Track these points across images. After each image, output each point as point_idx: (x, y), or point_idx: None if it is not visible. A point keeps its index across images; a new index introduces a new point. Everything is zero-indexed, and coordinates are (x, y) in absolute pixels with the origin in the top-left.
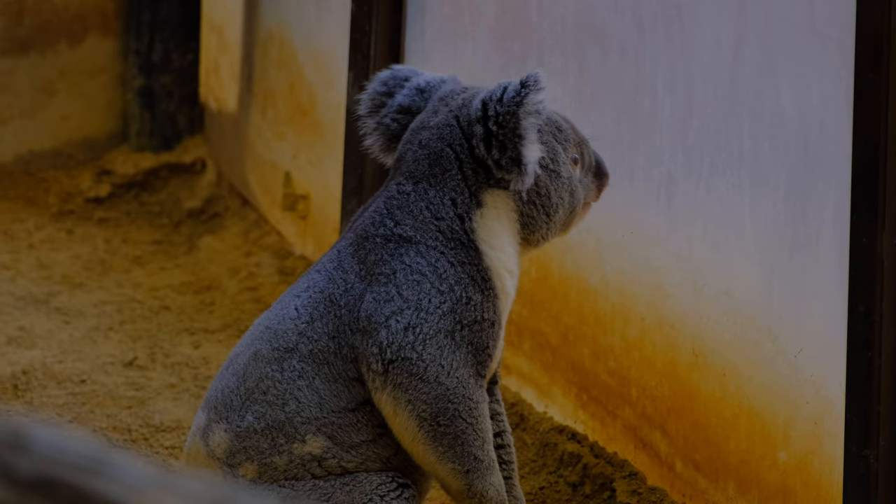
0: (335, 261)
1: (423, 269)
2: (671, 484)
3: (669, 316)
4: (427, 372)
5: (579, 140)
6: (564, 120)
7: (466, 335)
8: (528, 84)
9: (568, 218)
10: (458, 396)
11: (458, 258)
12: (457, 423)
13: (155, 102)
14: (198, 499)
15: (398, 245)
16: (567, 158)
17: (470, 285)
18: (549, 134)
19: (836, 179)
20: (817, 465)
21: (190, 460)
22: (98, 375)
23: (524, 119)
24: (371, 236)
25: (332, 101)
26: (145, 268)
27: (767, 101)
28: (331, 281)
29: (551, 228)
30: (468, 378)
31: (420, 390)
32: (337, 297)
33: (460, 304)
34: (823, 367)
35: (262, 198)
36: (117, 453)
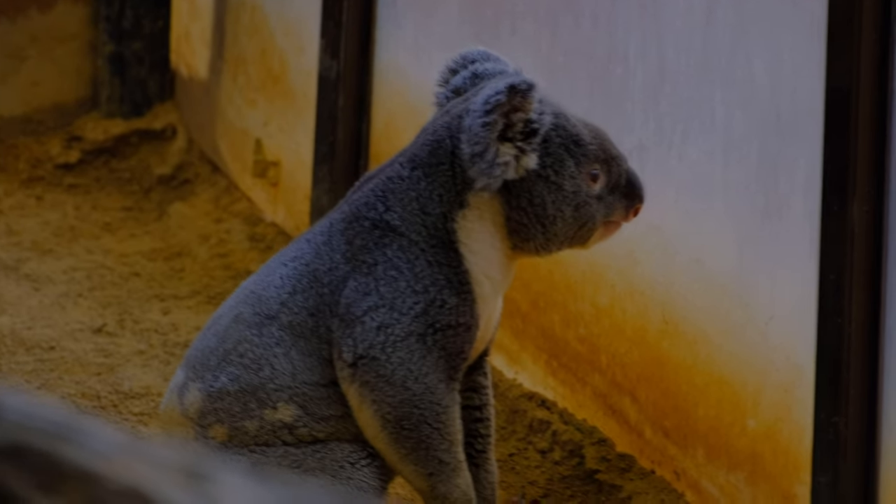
0: (325, 234)
1: (401, 265)
2: (640, 450)
3: (640, 283)
4: (394, 375)
5: (607, 157)
6: (594, 135)
7: (439, 339)
8: (503, 91)
9: (578, 233)
10: (425, 402)
11: (437, 258)
12: (421, 429)
13: (125, 69)
14: (168, 466)
15: (384, 234)
16: (579, 172)
17: (446, 288)
18: (560, 146)
19: (808, 147)
20: (786, 432)
21: (165, 418)
22: (67, 342)
23: (487, 124)
24: (361, 217)
25: (304, 68)
26: (115, 234)
27: (739, 68)
28: (318, 256)
29: (551, 240)
30: (437, 383)
31: (386, 392)
32: (321, 275)
33: (433, 307)
34: (793, 334)
35: (232, 164)
36: (87, 420)
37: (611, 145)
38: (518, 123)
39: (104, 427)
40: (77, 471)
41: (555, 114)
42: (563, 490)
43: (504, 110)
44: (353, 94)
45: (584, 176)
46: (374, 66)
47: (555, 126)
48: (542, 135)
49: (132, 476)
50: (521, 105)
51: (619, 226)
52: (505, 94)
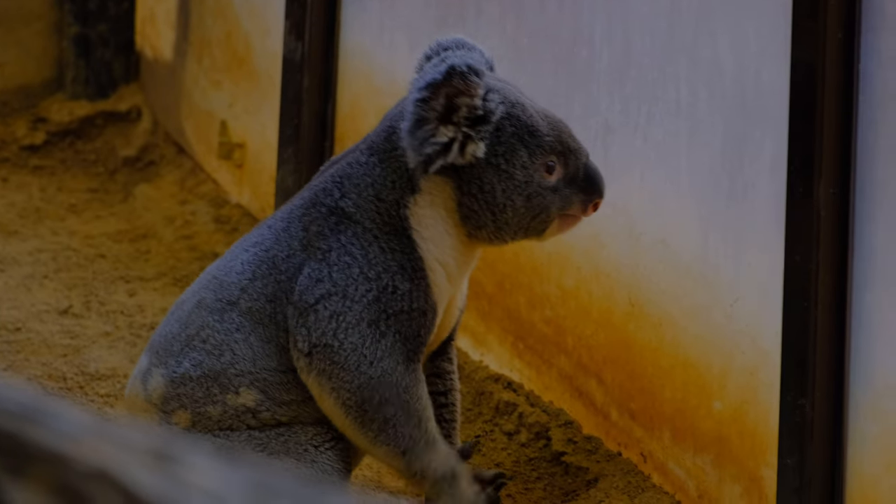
0: (286, 220)
1: (355, 252)
2: (606, 432)
3: (605, 265)
4: (348, 361)
5: (564, 149)
6: (552, 126)
7: (392, 324)
8: (442, 71)
9: (532, 223)
10: (384, 385)
11: (390, 245)
12: (384, 409)
13: (91, 50)
14: (136, 448)
15: (339, 220)
16: (532, 163)
17: (398, 274)
18: (513, 135)
19: (773, 128)
20: (752, 415)
21: (129, 404)
22: (33, 323)
23: (418, 101)
24: (318, 204)
25: (269, 50)
26: (81, 216)
27: (704, 49)
28: (277, 242)
29: (503, 228)
30: (395, 366)
31: (342, 378)
32: (279, 262)
33: (386, 294)
34: (759, 316)
35: (197, 146)
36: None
37: (570, 138)
38: (462, 108)
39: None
40: (45, 453)
41: (509, 103)
42: (529, 472)
43: (444, 91)
44: (319, 76)
45: (538, 166)
46: (340, 49)
47: (508, 115)
48: (493, 123)
49: (100, 458)
50: (464, 89)
51: (576, 220)
52: (442, 74)
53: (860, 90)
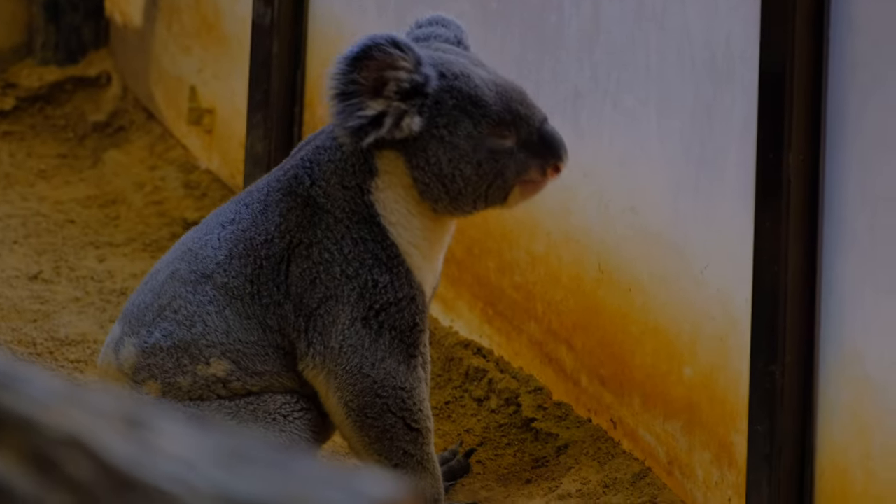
0: (262, 203)
1: (331, 247)
2: (576, 399)
3: (575, 231)
4: (350, 363)
5: (513, 117)
6: (501, 93)
7: (384, 319)
8: (359, 44)
9: (489, 191)
10: (387, 389)
11: (361, 235)
12: (385, 418)
13: (60, 15)
14: (106, 414)
15: (314, 212)
16: (478, 132)
17: (375, 267)
18: (455, 107)
19: (743, 94)
20: (723, 381)
21: (101, 373)
22: (3, 289)
23: (335, 74)
24: (293, 192)
25: (238, 15)
26: (50, 181)
27: (674, 15)
28: (254, 224)
29: (459, 199)
30: (397, 366)
31: (346, 381)
32: (257, 245)
33: (368, 290)
34: (729, 282)
35: (167, 112)
36: (24, 367)
37: (520, 104)
38: (391, 81)
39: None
40: (15, 418)
41: (451, 74)
42: (499, 438)
43: (368, 65)
44: (288, 41)
45: (486, 135)
46: (309, 14)
47: (448, 88)
48: (428, 95)
49: (70, 424)
50: (389, 62)
51: (539, 184)
52: (358, 48)
53: (830, 56)
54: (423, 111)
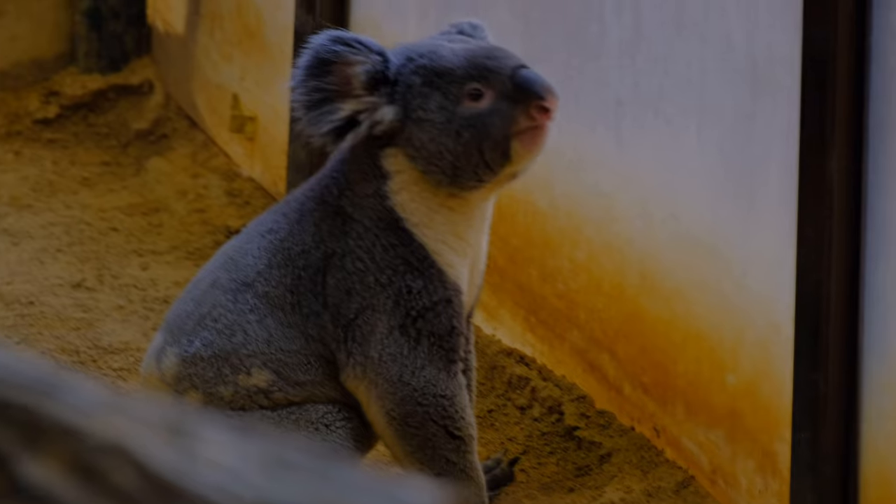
0: (298, 212)
1: (364, 257)
2: (619, 407)
3: (617, 239)
4: (390, 372)
5: (481, 72)
6: (467, 56)
7: (421, 326)
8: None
9: (483, 156)
10: (428, 397)
11: (390, 241)
12: (427, 426)
13: (102, 24)
14: (150, 422)
15: (344, 222)
16: (449, 101)
17: (407, 273)
18: (424, 84)
19: (785, 101)
20: (766, 388)
21: (145, 382)
22: (46, 297)
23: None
24: (324, 202)
25: (280, 23)
26: (93, 189)
27: (715, 23)
28: (290, 234)
29: (459, 174)
30: (437, 373)
31: (387, 390)
32: (294, 255)
33: (402, 297)
34: (772, 289)
35: (209, 119)
36: (67, 375)
37: (486, 58)
38: (355, 77)
39: (85, 383)
40: (59, 427)
41: (414, 55)
42: (542, 447)
43: (326, 70)
44: None
45: (459, 100)
46: (350, 20)
47: (414, 69)
48: (398, 82)
49: (114, 432)
50: (344, 59)
51: (535, 132)
52: (307, 58)
53: (872, 63)
54: (396, 99)
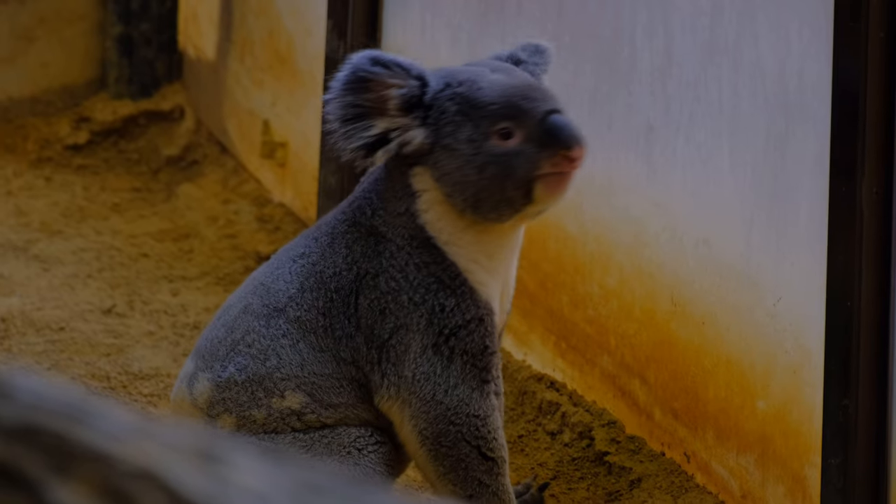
0: (329, 235)
1: (397, 276)
2: (650, 432)
3: (648, 265)
4: (423, 390)
5: (515, 112)
6: (504, 92)
7: (454, 345)
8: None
9: (506, 193)
10: (461, 416)
11: (423, 259)
12: (460, 447)
13: (133, 50)
14: (181, 447)
15: (377, 241)
16: (480, 134)
17: (440, 291)
18: (458, 112)
19: (816, 128)
20: (796, 414)
21: (175, 408)
22: (77, 323)
23: (329, 105)
24: (357, 223)
25: (311, 50)
26: (124, 215)
27: (746, 49)
28: (323, 257)
29: (479, 206)
30: (470, 393)
31: (420, 409)
32: (326, 279)
33: (436, 315)
34: (803, 316)
35: (240, 145)
36: (100, 401)
37: (522, 99)
38: (390, 99)
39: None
40: (89, 452)
41: (454, 82)
42: (572, 472)
43: (363, 87)
44: None
45: (488, 136)
46: (382, 47)
47: (451, 95)
48: (433, 106)
49: (145, 458)
50: (381, 80)
51: (560, 178)
52: (344, 74)
53: None
54: (429, 122)
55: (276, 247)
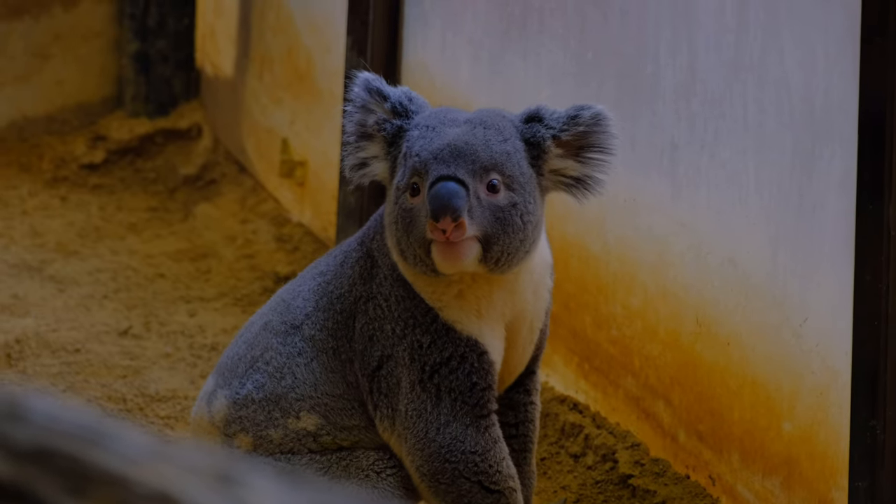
0: (344, 253)
1: (382, 304)
2: (674, 455)
3: (672, 284)
4: (416, 427)
5: (419, 172)
6: (428, 146)
7: (438, 382)
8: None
9: (408, 250)
10: (456, 454)
11: (399, 292)
12: (459, 483)
13: (150, 67)
14: (197, 470)
15: (372, 265)
16: (402, 185)
17: (416, 327)
18: (403, 155)
19: (842, 145)
20: (823, 436)
21: (195, 427)
22: (92, 344)
23: (342, 115)
24: (363, 245)
25: (330, 67)
26: (140, 235)
27: (772, 65)
28: (335, 277)
29: (405, 256)
30: (464, 430)
31: (415, 446)
32: (335, 300)
33: (416, 351)
34: (829, 336)
35: (258, 164)
36: (116, 423)
37: (434, 159)
38: (372, 125)
39: (132, 430)
40: (105, 475)
41: (417, 125)
42: (595, 495)
43: (358, 104)
44: None
45: (405, 188)
46: (402, 65)
47: (408, 137)
48: (395, 144)
49: (161, 480)
50: (369, 104)
51: (444, 246)
52: (357, 85)
53: None
54: (392, 160)
55: (295, 267)
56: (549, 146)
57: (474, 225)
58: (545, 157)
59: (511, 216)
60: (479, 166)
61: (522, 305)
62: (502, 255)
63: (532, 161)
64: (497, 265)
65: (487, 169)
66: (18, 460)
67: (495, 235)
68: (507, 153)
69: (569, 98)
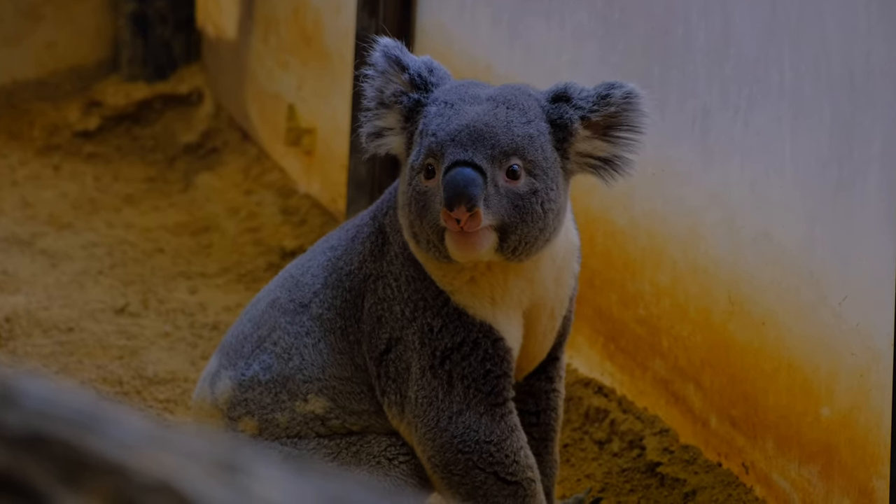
0: (356, 228)
1: (392, 284)
2: (705, 441)
3: (703, 260)
4: (427, 415)
5: (437, 153)
6: (445, 126)
7: (449, 368)
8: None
9: (420, 234)
10: (469, 444)
11: (411, 272)
12: (474, 475)
13: (148, 28)
14: (199, 457)
15: (384, 242)
16: (416, 165)
17: (427, 310)
18: (418, 133)
19: (884, 113)
20: (863, 422)
21: (197, 410)
22: (87, 323)
23: (359, 82)
24: (375, 219)
25: (340, 28)
26: (138, 207)
27: (810, 28)
28: (345, 252)
29: (418, 240)
30: (477, 419)
31: (426, 435)
32: (344, 277)
33: (426, 335)
34: (870, 315)
35: (263, 131)
36: (112, 408)
37: (451, 141)
38: (389, 95)
39: (130, 415)
40: (101, 463)
41: (435, 101)
42: (622, 484)
43: (378, 69)
44: None
45: (419, 169)
46: (416, 26)
47: (425, 114)
48: (418, 120)
49: (161, 468)
50: (388, 73)
51: (457, 236)
52: (376, 51)
53: None
54: (408, 134)
55: (302, 241)
56: (576, 128)
57: (490, 214)
58: (572, 139)
59: (531, 204)
60: (499, 151)
61: (542, 293)
62: (520, 244)
63: (557, 144)
64: (514, 254)
65: (508, 154)
66: (10, 447)
67: (513, 224)
68: (529, 136)
69: (593, 62)
